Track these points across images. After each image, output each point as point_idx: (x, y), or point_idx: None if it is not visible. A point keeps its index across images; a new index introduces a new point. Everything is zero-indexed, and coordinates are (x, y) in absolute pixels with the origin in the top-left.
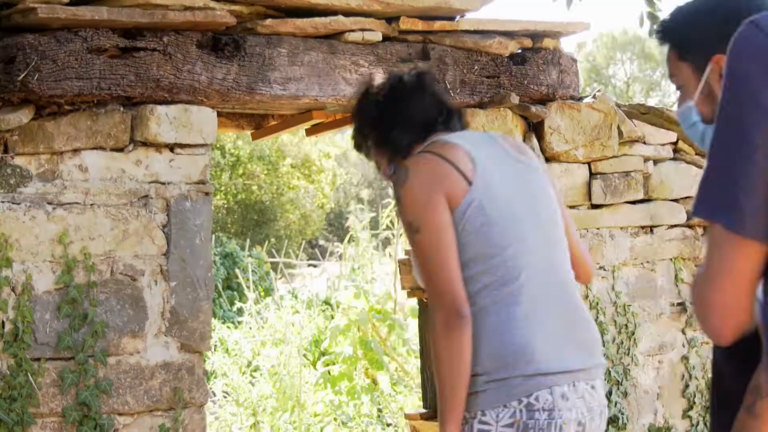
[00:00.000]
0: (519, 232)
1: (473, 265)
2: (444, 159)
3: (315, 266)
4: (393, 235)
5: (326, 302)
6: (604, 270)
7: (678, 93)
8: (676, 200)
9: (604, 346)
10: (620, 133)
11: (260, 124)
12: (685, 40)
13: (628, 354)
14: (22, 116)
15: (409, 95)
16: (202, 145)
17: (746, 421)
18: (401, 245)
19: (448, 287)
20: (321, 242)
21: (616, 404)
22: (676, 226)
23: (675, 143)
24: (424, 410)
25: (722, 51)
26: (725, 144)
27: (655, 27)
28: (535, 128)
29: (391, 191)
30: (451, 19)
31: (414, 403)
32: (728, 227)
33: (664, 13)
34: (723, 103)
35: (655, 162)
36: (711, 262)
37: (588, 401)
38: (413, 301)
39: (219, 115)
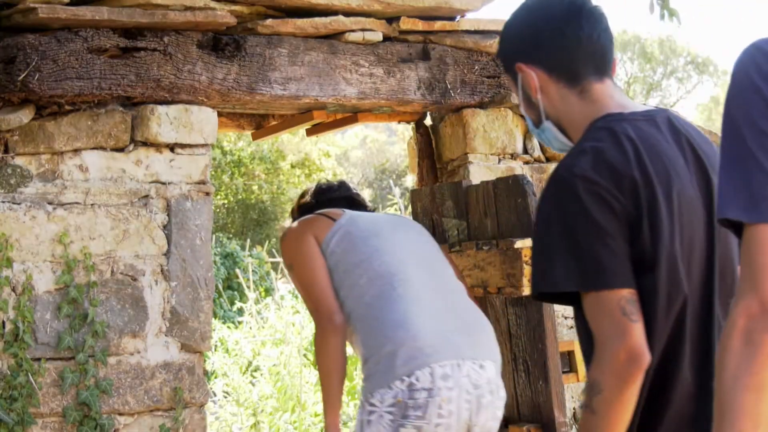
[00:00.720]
0: (384, 244)
1: (346, 276)
2: (317, 213)
3: None
4: None
5: None
6: None
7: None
8: None
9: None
10: None
11: (261, 124)
12: (501, 56)
13: None
14: (23, 116)
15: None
16: (202, 145)
17: (587, 418)
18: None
19: (320, 300)
20: None
21: None
22: None
23: None
24: None
25: (523, 59)
26: (751, 151)
27: (666, 12)
28: None
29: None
30: (452, 19)
31: None
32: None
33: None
34: (738, 117)
35: None
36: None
37: (474, 378)
38: None
39: (219, 115)
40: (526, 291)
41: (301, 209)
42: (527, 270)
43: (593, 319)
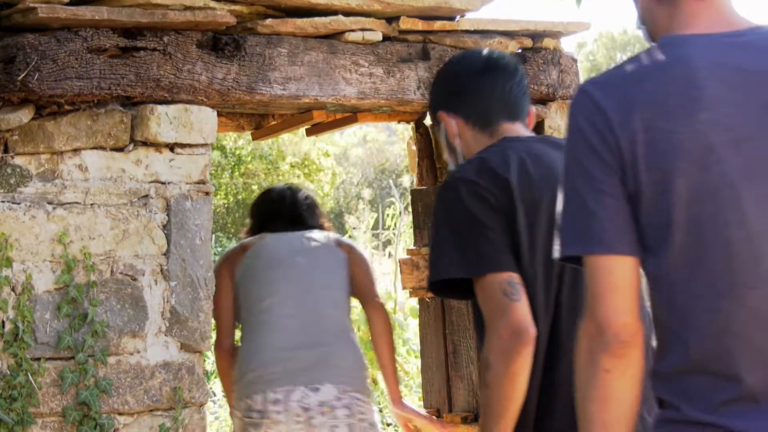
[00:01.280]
0: (276, 273)
1: (245, 302)
2: (239, 244)
3: None
4: (394, 235)
5: None
6: None
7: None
8: None
9: None
10: None
11: (260, 123)
12: (429, 106)
13: None
14: (22, 116)
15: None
16: (202, 145)
17: (483, 392)
18: (402, 245)
19: (218, 329)
20: None
21: None
22: None
23: None
24: (425, 410)
25: (445, 109)
26: (577, 189)
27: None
28: (535, 128)
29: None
30: (452, 18)
31: (414, 403)
32: (608, 253)
33: None
34: (568, 158)
35: None
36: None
37: (305, 402)
38: (414, 301)
39: (219, 114)
40: None
41: (248, 231)
42: None
43: (482, 304)
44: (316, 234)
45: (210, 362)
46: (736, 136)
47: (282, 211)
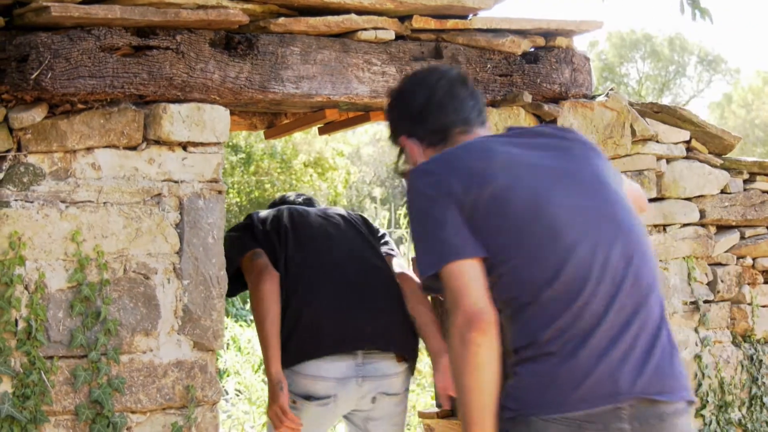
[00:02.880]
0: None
1: None
2: None
3: None
4: (406, 233)
5: None
6: None
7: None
8: (689, 199)
9: None
10: (633, 131)
11: (273, 122)
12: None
13: None
14: (36, 115)
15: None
16: (215, 144)
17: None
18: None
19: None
20: None
21: None
22: (688, 224)
23: (688, 142)
24: (438, 408)
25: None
26: (424, 224)
27: (697, 12)
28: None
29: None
30: (464, 17)
31: (426, 401)
32: (455, 260)
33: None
34: (413, 207)
35: (668, 161)
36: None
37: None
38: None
39: (232, 113)
40: None
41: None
42: None
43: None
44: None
45: (223, 361)
46: (513, 182)
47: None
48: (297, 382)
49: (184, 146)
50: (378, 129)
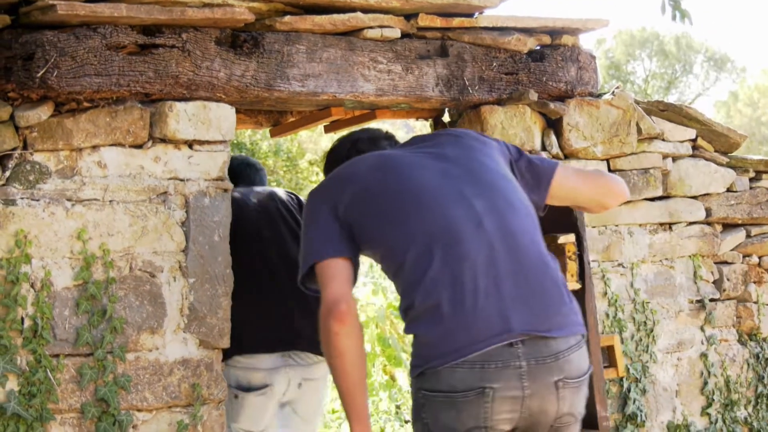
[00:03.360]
0: None
1: None
2: None
3: None
4: None
5: None
6: (623, 267)
7: None
8: (694, 197)
9: (623, 342)
10: (639, 129)
11: (279, 120)
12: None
13: (647, 351)
14: (41, 113)
15: None
16: (220, 142)
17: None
18: None
19: None
20: None
21: (634, 401)
22: (694, 223)
23: (694, 140)
24: None
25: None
26: (304, 236)
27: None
28: (553, 125)
29: None
30: (470, 15)
31: None
32: (322, 259)
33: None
34: (303, 218)
35: (674, 159)
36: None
37: None
38: None
39: (237, 111)
40: (569, 286)
41: None
42: (570, 265)
43: None
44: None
45: None
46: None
47: None
48: (236, 375)
49: (190, 144)
50: (384, 127)
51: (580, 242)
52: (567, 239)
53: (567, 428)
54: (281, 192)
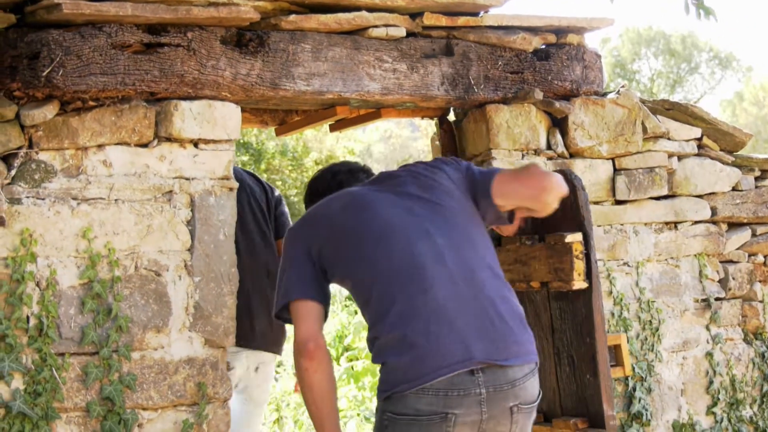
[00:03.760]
0: None
1: None
2: None
3: None
4: None
5: (350, 298)
6: (628, 266)
7: None
8: (700, 196)
9: (628, 341)
10: (644, 128)
11: (284, 119)
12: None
13: (652, 350)
14: (47, 112)
15: None
16: (226, 141)
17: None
18: None
19: None
20: None
21: (639, 400)
22: (700, 222)
23: (699, 139)
24: None
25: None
26: (281, 272)
27: (702, 11)
28: (559, 124)
29: None
30: (475, 14)
31: None
32: (296, 300)
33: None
34: (282, 255)
35: (680, 158)
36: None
37: None
38: None
39: (243, 110)
40: (576, 285)
41: None
42: (578, 264)
43: None
44: None
45: None
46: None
47: None
48: None
49: (196, 143)
50: (389, 126)
51: (587, 241)
52: (574, 238)
53: None
54: (251, 181)
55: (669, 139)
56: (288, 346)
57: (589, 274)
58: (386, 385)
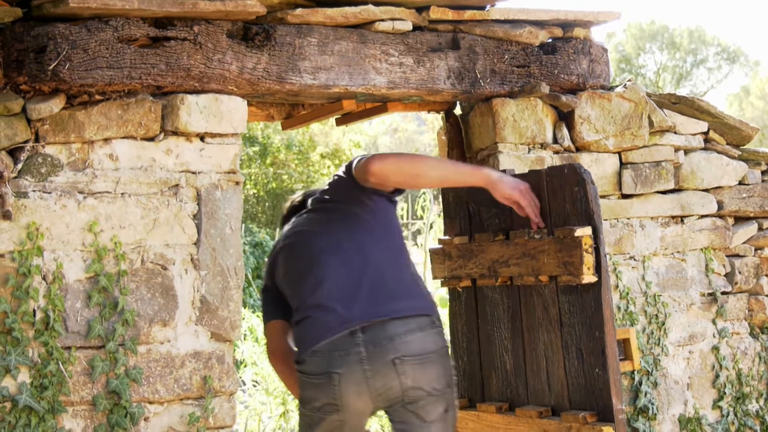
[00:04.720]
0: None
1: None
2: None
3: None
4: (423, 225)
5: None
6: (635, 260)
7: None
8: (706, 190)
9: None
10: (651, 122)
11: (290, 113)
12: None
13: (659, 344)
14: (53, 105)
15: None
16: (232, 135)
17: None
18: (432, 235)
19: None
20: None
21: (646, 394)
22: (706, 216)
23: (706, 133)
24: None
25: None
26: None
27: None
28: (565, 118)
29: None
30: (482, 8)
31: None
32: (266, 322)
33: None
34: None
35: (686, 152)
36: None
37: None
38: (443, 291)
39: (249, 104)
40: (586, 279)
41: None
42: (587, 258)
43: None
44: None
45: (240, 351)
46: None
47: None
48: None
49: (202, 137)
50: (395, 120)
51: (596, 235)
52: (584, 232)
53: (420, 402)
54: None
55: (675, 133)
56: None
57: (598, 268)
58: (296, 355)
